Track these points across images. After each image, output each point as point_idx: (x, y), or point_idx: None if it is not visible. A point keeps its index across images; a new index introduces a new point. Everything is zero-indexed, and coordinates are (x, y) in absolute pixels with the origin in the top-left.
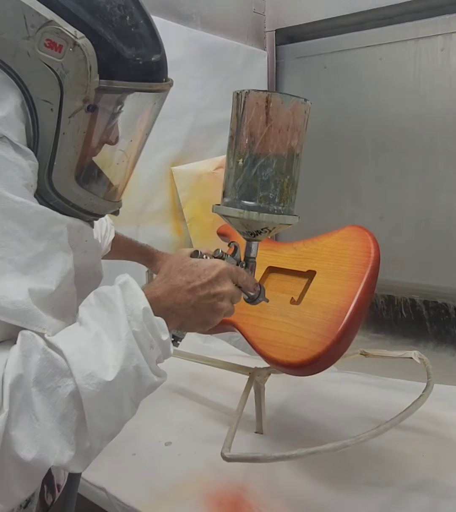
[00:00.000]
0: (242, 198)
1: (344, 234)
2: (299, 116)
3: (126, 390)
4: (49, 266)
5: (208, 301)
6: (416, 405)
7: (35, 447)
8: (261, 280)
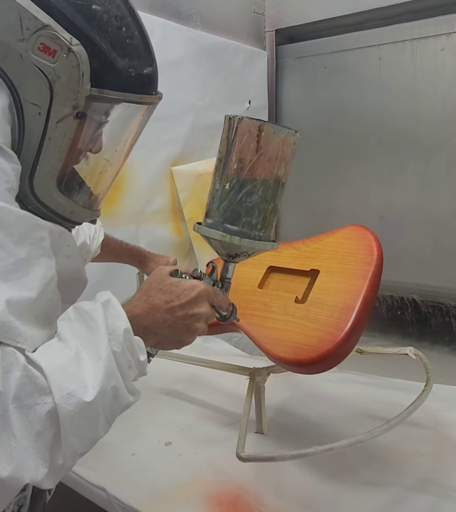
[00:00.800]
0: (226, 221)
1: (345, 233)
2: (288, 147)
3: (103, 410)
4: (31, 272)
5: (185, 322)
6: (421, 399)
7: (10, 465)
8: (262, 279)
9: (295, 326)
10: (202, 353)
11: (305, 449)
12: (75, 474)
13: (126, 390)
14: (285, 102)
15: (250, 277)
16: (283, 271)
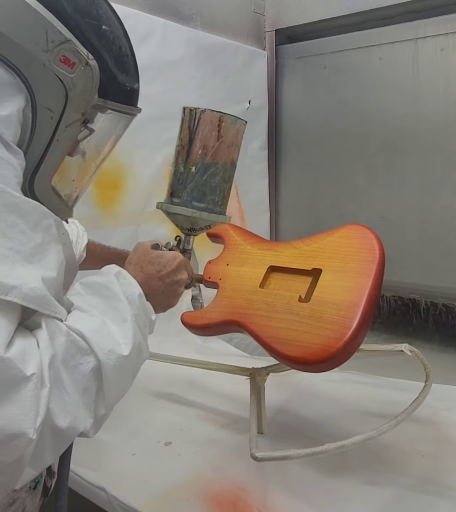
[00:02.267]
0: (193, 200)
1: (346, 232)
2: (240, 135)
3: (134, 363)
4: (47, 255)
5: (172, 287)
6: (423, 394)
7: (67, 417)
8: (263, 279)
9: (301, 325)
10: (202, 353)
11: (318, 447)
12: (75, 474)
13: (146, 346)
14: (285, 102)
15: (250, 277)
16: (284, 270)
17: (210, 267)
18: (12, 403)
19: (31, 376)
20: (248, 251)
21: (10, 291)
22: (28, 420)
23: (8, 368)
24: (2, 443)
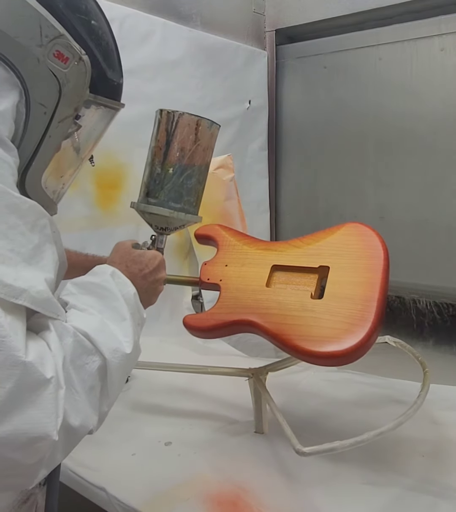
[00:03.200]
0: (170, 200)
1: (347, 230)
2: (214, 138)
3: (133, 362)
4: (44, 257)
5: (154, 286)
6: (427, 382)
7: (79, 416)
8: (268, 279)
9: (319, 321)
10: (202, 353)
11: (359, 436)
12: (75, 474)
13: (139, 343)
14: (285, 102)
15: (255, 277)
16: (288, 269)
17: (207, 268)
18: (35, 406)
19: (50, 379)
20: (246, 251)
21: (20, 294)
22: (51, 422)
23: (30, 372)
24: (25, 446)
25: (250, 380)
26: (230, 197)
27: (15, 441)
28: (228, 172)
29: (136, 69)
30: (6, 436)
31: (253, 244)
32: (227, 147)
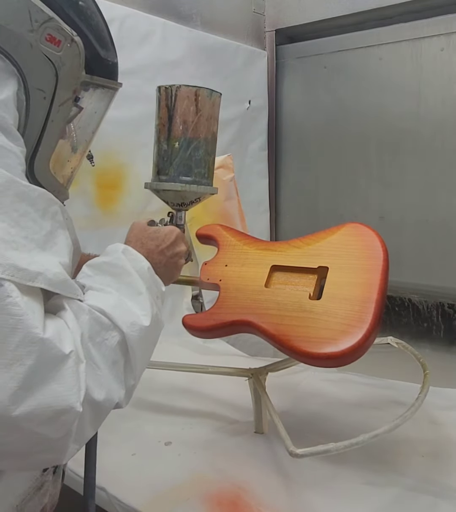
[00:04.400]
0: (181, 175)
1: (347, 230)
2: (217, 107)
3: (154, 333)
4: (57, 242)
5: (173, 260)
6: (427, 384)
7: (103, 390)
8: (268, 279)
9: (317, 322)
10: (202, 353)
11: (355, 439)
12: (75, 474)
13: (161, 316)
14: (285, 102)
15: (254, 277)
16: (288, 269)
17: (207, 268)
18: (56, 381)
19: (69, 353)
20: (246, 251)
21: (36, 277)
22: (73, 395)
23: (48, 348)
24: (52, 420)
25: (250, 380)
26: (230, 197)
27: (40, 415)
28: (228, 172)
29: (136, 69)
30: (31, 410)
31: (253, 244)
32: (227, 147)
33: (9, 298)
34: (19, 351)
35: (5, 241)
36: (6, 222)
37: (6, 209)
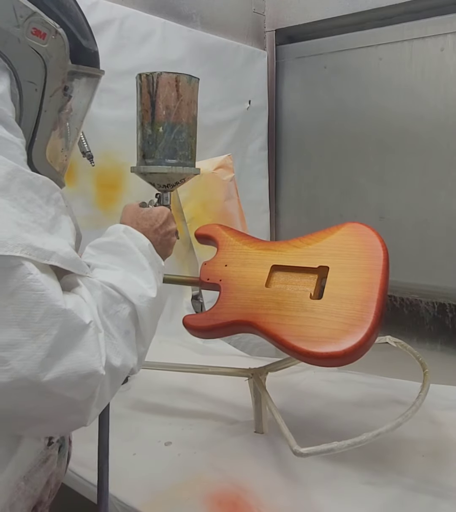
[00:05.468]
0: (166, 157)
1: (346, 230)
2: (196, 91)
3: (160, 305)
4: (62, 226)
5: (166, 238)
6: (427, 383)
7: (119, 357)
8: (268, 279)
9: (318, 322)
10: (202, 352)
11: (358, 437)
12: (75, 474)
13: (162, 290)
14: (285, 102)
15: (255, 277)
16: (288, 269)
17: (207, 268)
18: (79, 348)
19: (89, 323)
20: (246, 251)
21: (51, 256)
22: (96, 360)
23: (71, 319)
24: (78, 384)
25: (250, 380)
26: (230, 197)
27: (68, 380)
28: (228, 172)
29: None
30: (59, 376)
31: (253, 244)
32: (227, 147)
33: (30, 275)
34: (44, 323)
35: (19, 224)
36: (16, 208)
37: (15, 196)
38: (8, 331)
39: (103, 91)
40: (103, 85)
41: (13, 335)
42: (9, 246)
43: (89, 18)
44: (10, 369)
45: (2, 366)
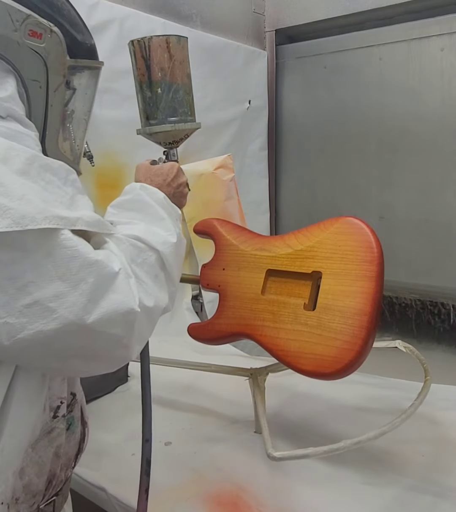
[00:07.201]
0: (168, 116)
1: (340, 227)
2: (186, 50)
3: (181, 248)
4: (80, 205)
5: (179, 190)
6: (426, 389)
7: (151, 298)
8: (264, 285)
9: (311, 336)
10: (202, 352)
11: (336, 444)
12: (75, 474)
13: (182, 235)
14: (285, 102)
15: (251, 284)
16: (282, 274)
17: (206, 272)
18: (114, 291)
19: (119, 270)
20: (243, 253)
21: (76, 221)
22: (130, 299)
23: (103, 267)
24: (119, 321)
25: (250, 380)
26: (230, 197)
27: (109, 319)
28: (228, 172)
29: None
30: (101, 316)
31: (249, 242)
32: (227, 147)
33: (62, 235)
34: (81, 274)
35: (43, 200)
36: (38, 188)
37: (35, 178)
38: (52, 285)
39: (103, 91)
40: (103, 85)
41: (57, 288)
42: (37, 220)
43: (90, 18)
44: (59, 316)
45: (52, 314)
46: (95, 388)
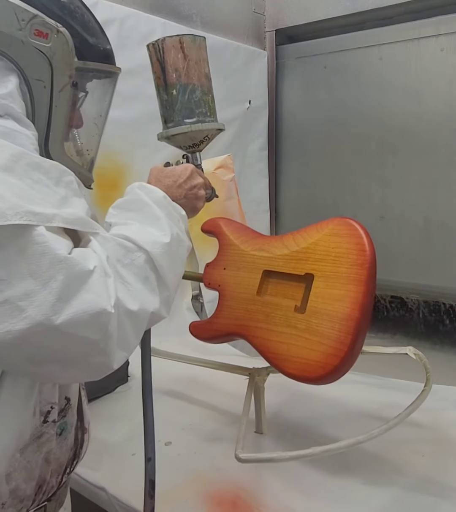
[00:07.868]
0: (184, 118)
1: (334, 229)
2: (203, 49)
3: (178, 250)
4: (72, 206)
5: (193, 191)
6: (420, 400)
7: (136, 302)
8: (260, 284)
9: (299, 340)
10: (202, 352)
11: (304, 450)
12: (75, 474)
13: (185, 236)
14: (285, 102)
15: (248, 284)
16: (278, 275)
17: (209, 271)
18: (86, 290)
19: (94, 268)
20: (242, 252)
21: (53, 218)
22: (103, 299)
23: (74, 265)
24: (90, 323)
25: (250, 379)
26: (230, 197)
27: (79, 320)
28: (228, 172)
29: (136, 69)
30: (71, 317)
31: (250, 242)
32: (227, 147)
33: (35, 231)
34: (50, 271)
35: (20, 196)
36: (21, 185)
37: (20, 176)
38: (23, 283)
39: None
40: None
41: (28, 286)
42: (7, 216)
43: None
44: (27, 316)
45: (21, 314)
46: (95, 388)
